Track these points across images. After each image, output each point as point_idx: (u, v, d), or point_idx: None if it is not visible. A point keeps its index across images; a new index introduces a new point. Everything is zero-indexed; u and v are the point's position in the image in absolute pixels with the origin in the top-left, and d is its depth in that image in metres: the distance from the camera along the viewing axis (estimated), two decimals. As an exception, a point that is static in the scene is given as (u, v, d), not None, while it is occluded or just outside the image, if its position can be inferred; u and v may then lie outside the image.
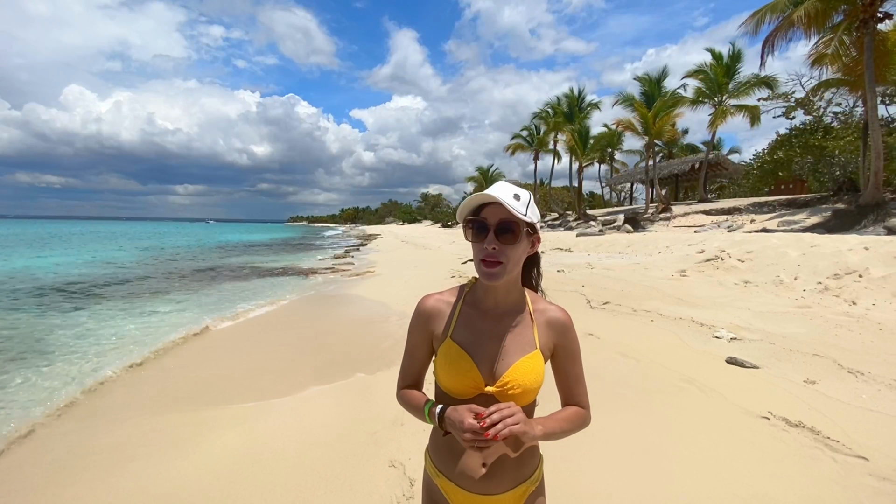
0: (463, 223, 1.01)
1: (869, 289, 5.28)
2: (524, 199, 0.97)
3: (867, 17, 11.66)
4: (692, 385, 3.55)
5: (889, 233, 11.28)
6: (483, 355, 1.01)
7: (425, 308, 1.07)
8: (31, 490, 2.55)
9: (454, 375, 0.99)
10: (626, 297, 6.24)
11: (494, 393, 0.98)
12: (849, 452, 2.55)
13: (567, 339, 1.06)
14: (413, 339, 1.10)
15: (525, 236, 0.97)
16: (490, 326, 1.03)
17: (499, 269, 0.95)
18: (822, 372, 3.63)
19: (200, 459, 2.77)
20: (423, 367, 1.12)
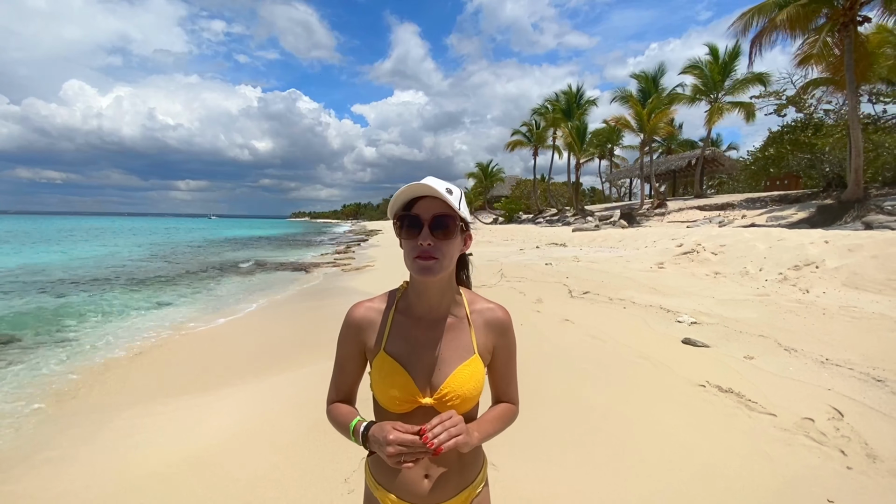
0: (393, 219, 0.94)
1: (823, 278, 5.77)
2: (456, 194, 0.92)
3: (847, 20, 12.06)
4: (647, 360, 4.05)
5: (867, 227, 11.73)
6: (419, 366, 0.96)
7: (355, 318, 1.01)
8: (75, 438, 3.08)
9: (390, 389, 0.94)
10: (605, 287, 6.75)
11: (433, 405, 0.94)
12: (762, 411, 3.05)
13: (506, 339, 1.04)
14: (343, 351, 1.04)
15: (459, 231, 0.93)
16: (425, 334, 0.98)
17: (434, 263, 0.90)
18: (762, 349, 4.13)
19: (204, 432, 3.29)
20: (354, 380, 1.06)
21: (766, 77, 22.86)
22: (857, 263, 5.80)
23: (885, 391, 3.22)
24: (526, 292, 6.94)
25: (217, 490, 2.42)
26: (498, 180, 50.87)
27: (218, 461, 2.72)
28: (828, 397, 3.17)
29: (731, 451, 2.61)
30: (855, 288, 5.45)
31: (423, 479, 0.96)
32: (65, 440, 3.15)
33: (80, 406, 3.80)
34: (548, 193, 39.25)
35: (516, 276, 8.23)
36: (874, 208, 12.78)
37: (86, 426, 3.35)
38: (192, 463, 2.71)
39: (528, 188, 42.21)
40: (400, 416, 0.94)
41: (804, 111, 20.39)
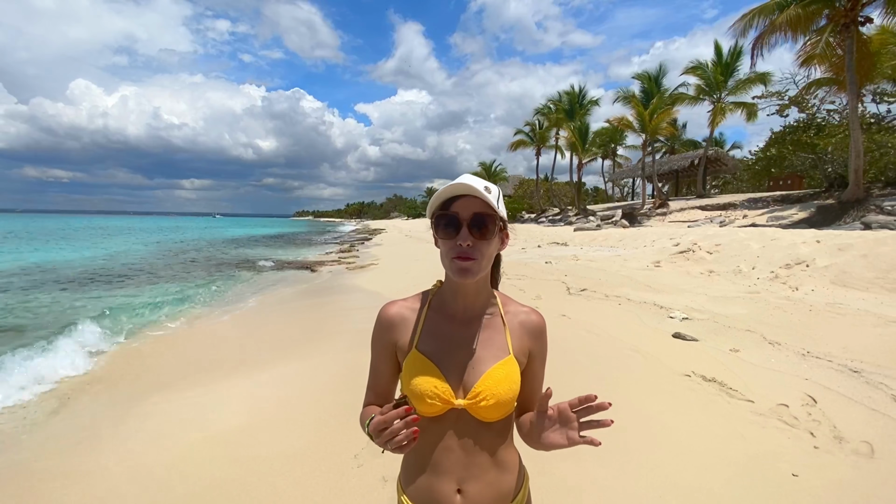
0: (432, 219, 0.93)
1: (812, 276, 5.96)
2: (494, 192, 0.90)
3: (848, 21, 12.17)
4: (638, 353, 4.27)
5: (866, 227, 11.87)
6: (452, 365, 0.92)
7: (387, 317, 0.98)
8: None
9: (420, 390, 0.89)
10: (602, 285, 6.96)
11: (466, 406, 0.90)
12: (741, 397, 3.27)
13: (541, 344, 1.01)
14: (376, 353, 1.01)
15: (498, 231, 0.91)
16: (458, 332, 0.95)
17: (472, 264, 0.87)
18: (747, 343, 4.34)
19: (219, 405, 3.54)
20: (389, 382, 1.01)
21: (769, 77, 22.94)
22: (847, 262, 5.99)
23: (860, 381, 3.42)
24: (525, 289, 7.16)
25: (239, 465, 2.67)
26: (501, 180, 51.03)
27: (238, 440, 2.97)
28: (804, 386, 3.38)
29: (707, 432, 2.83)
30: (843, 286, 5.64)
31: (456, 493, 0.91)
32: (95, 421, 3.41)
33: (107, 391, 4.06)
34: (550, 193, 39.38)
35: (517, 274, 8.45)
36: (874, 208, 12.90)
37: (115, 408, 3.62)
38: (215, 441, 2.96)
39: (531, 188, 42.36)
40: (430, 421, 0.90)
41: (807, 111, 20.45)
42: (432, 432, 0.92)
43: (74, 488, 2.55)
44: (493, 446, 0.94)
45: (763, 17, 13.63)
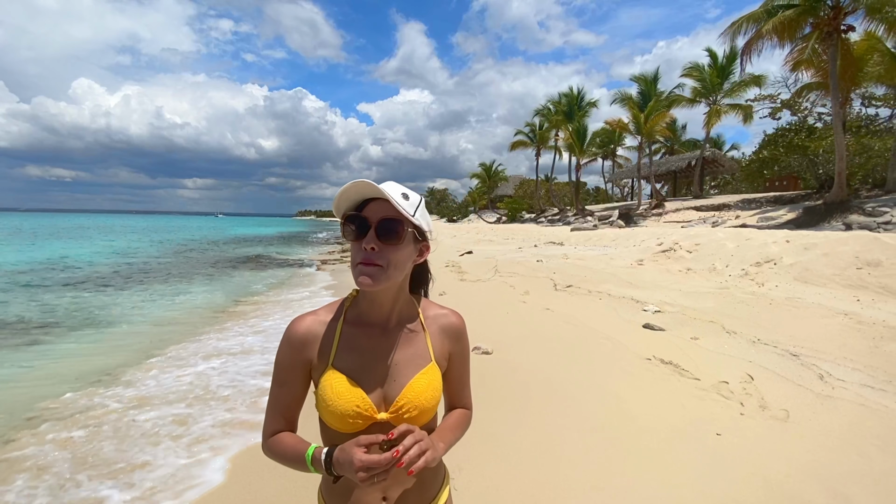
0: (341, 219, 0.88)
1: (778, 274, 6.44)
2: (413, 200, 0.88)
3: (831, 29, 12.62)
4: (609, 341, 4.77)
5: (847, 228, 12.34)
6: (372, 379, 0.90)
7: (297, 333, 0.92)
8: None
9: (340, 409, 0.86)
10: (586, 282, 7.46)
11: (389, 419, 0.89)
12: (690, 376, 3.77)
13: (461, 345, 1.01)
14: (283, 373, 0.93)
15: (412, 240, 0.88)
16: (377, 344, 0.92)
17: (376, 270, 0.84)
18: (707, 332, 4.83)
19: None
20: (297, 404, 0.96)
21: (763, 80, 23.38)
22: (810, 260, 6.47)
23: (796, 363, 3.92)
24: (516, 286, 7.66)
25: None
26: (501, 180, 51.49)
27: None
28: (747, 367, 3.88)
29: (653, 403, 3.33)
30: (804, 282, 6.12)
31: (381, 502, 0.90)
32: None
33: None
34: (550, 193, 39.85)
35: (509, 272, 8.95)
36: (856, 210, 13.36)
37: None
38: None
39: (531, 188, 42.81)
40: (352, 436, 0.85)
41: (799, 114, 20.88)
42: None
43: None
44: None
45: (751, 24, 14.09)
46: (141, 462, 2.92)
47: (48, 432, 3.32)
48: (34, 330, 6.39)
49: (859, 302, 5.30)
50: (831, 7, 12.69)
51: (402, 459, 0.77)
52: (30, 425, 3.47)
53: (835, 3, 12.64)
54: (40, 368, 4.83)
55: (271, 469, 2.60)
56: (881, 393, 3.29)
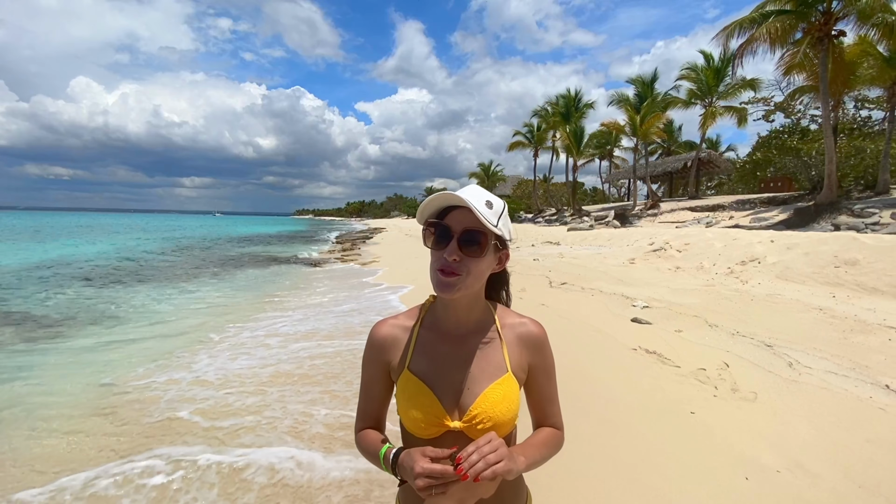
0: (423, 225, 0.89)
1: (761, 272, 6.77)
2: (497, 208, 0.87)
3: (822, 34, 12.96)
4: (599, 333, 5.09)
5: (836, 228, 12.69)
6: (446, 386, 0.90)
7: (378, 337, 0.96)
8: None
9: (414, 412, 0.88)
10: (580, 279, 7.78)
11: (462, 429, 0.87)
12: (671, 364, 4.09)
13: (542, 356, 0.98)
14: (368, 374, 0.98)
15: (492, 250, 0.88)
16: (452, 350, 0.92)
17: (455, 280, 0.84)
18: (691, 326, 5.15)
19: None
20: (381, 404, 1.00)
21: (757, 83, 23.76)
22: (791, 259, 6.80)
23: (769, 353, 4.24)
24: (512, 283, 7.87)
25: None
26: (499, 180, 51.84)
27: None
28: (724, 356, 4.20)
29: (637, 388, 3.65)
30: (785, 280, 6.45)
31: None
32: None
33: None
34: (548, 193, 40.20)
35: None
36: (846, 211, 13.70)
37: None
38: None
39: (529, 188, 43.15)
40: (427, 442, 0.87)
41: (792, 117, 21.27)
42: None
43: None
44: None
45: (743, 28, 14.42)
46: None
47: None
48: (83, 322, 6.70)
49: (835, 298, 5.62)
50: (822, 13, 13.03)
51: (463, 467, 0.74)
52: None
53: (826, 8, 12.98)
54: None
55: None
56: (843, 378, 3.62)
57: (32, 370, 4.72)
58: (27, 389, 4.19)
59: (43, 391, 4.15)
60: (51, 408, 3.78)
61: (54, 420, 3.55)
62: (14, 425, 3.50)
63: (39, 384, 4.32)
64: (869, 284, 5.67)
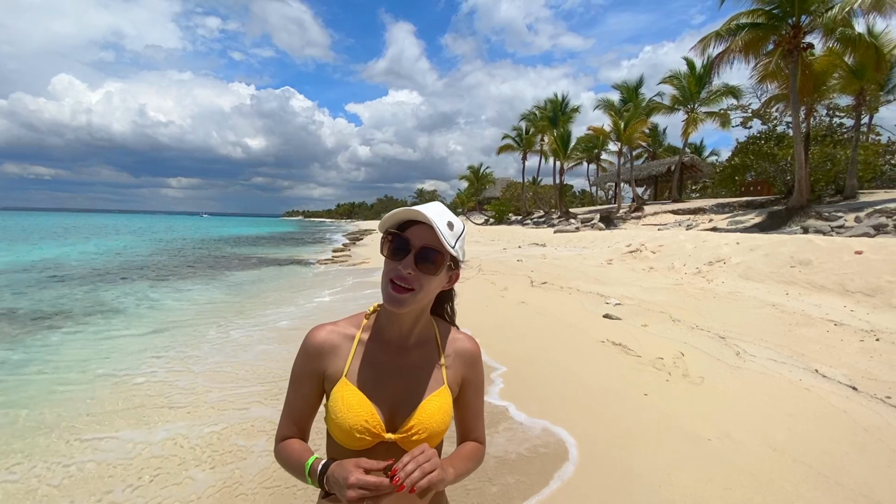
0: (383, 234, 0.89)
1: (726, 272, 7.28)
2: (457, 230, 0.88)
3: (792, 47, 13.65)
4: (572, 328, 5.52)
5: (804, 231, 13.35)
6: (384, 396, 0.90)
7: (315, 342, 0.92)
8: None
9: (348, 423, 0.85)
10: (560, 279, 8.23)
11: (397, 440, 0.88)
12: (633, 354, 4.53)
13: (475, 372, 1.00)
14: (298, 380, 0.94)
15: (445, 269, 0.88)
16: (392, 361, 0.92)
17: (408, 296, 0.85)
18: (656, 321, 5.61)
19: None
20: (310, 413, 0.96)
21: (738, 90, 24.60)
22: (753, 260, 7.32)
23: (721, 344, 4.70)
24: (496, 282, 8.39)
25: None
26: (489, 182, 52.41)
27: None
28: (681, 347, 4.65)
29: (600, 374, 4.08)
30: (747, 279, 6.96)
31: None
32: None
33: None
34: (536, 196, 40.83)
35: (491, 270, 9.69)
36: (814, 214, 14.40)
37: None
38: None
39: (518, 190, 43.73)
40: (357, 453, 0.86)
41: (768, 123, 22.08)
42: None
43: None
44: None
45: (719, 40, 15.08)
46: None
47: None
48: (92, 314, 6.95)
49: (787, 295, 6.13)
50: (792, 27, 13.71)
51: (400, 477, 0.74)
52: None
53: (795, 23, 13.66)
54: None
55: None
56: (781, 364, 4.08)
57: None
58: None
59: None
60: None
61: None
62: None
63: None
64: (818, 282, 6.19)
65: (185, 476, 2.71)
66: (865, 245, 6.67)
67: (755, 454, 2.72)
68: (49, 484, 2.65)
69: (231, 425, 3.36)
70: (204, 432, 3.24)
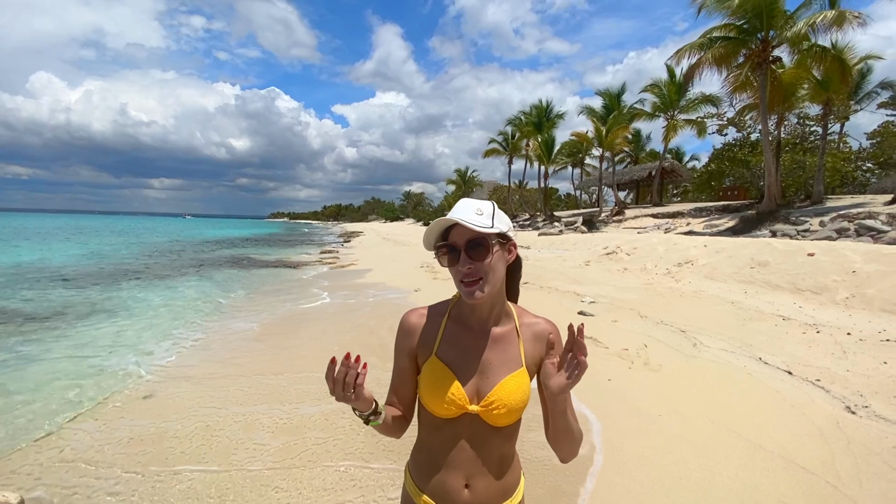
0: (434, 251, 1.00)
1: (693, 272, 7.81)
2: (487, 211, 0.96)
3: (761, 60, 14.41)
4: (548, 324, 5.94)
5: (773, 235, 14.08)
6: (468, 373, 0.99)
7: (408, 323, 1.06)
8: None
9: (437, 394, 0.97)
10: (540, 279, 8.67)
11: (479, 412, 0.97)
12: (602, 346, 4.97)
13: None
14: (398, 356, 1.08)
15: (497, 247, 0.96)
16: (475, 343, 1.01)
17: (479, 285, 0.93)
18: (626, 317, 6.07)
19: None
20: (409, 384, 1.08)
21: (717, 99, 25.57)
22: (718, 261, 7.87)
23: (682, 336, 5.18)
24: (480, 283, 8.79)
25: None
26: (476, 185, 53.02)
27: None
28: (646, 339, 5.11)
29: (570, 362, 4.50)
30: (711, 279, 7.50)
31: (464, 488, 0.99)
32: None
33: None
34: (523, 199, 41.51)
35: (476, 271, 10.08)
36: (782, 219, 15.17)
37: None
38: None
39: (505, 194, 44.37)
40: (445, 422, 0.99)
41: (743, 131, 23.02)
42: (446, 432, 1.00)
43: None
44: (500, 448, 1.02)
45: (693, 51, 15.80)
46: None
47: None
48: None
49: (746, 293, 6.67)
50: (760, 41, 14.48)
51: (581, 341, 0.87)
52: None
53: (763, 37, 14.42)
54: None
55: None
56: (731, 354, 4.56)
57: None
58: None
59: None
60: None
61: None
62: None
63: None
64: (774, 282, 6.74)
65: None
66: (818, 248, 7.25)
67: (695, 426, 3.16)
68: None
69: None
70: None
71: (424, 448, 1.05)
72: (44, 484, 2.67)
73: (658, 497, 2.43)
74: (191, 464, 2.88)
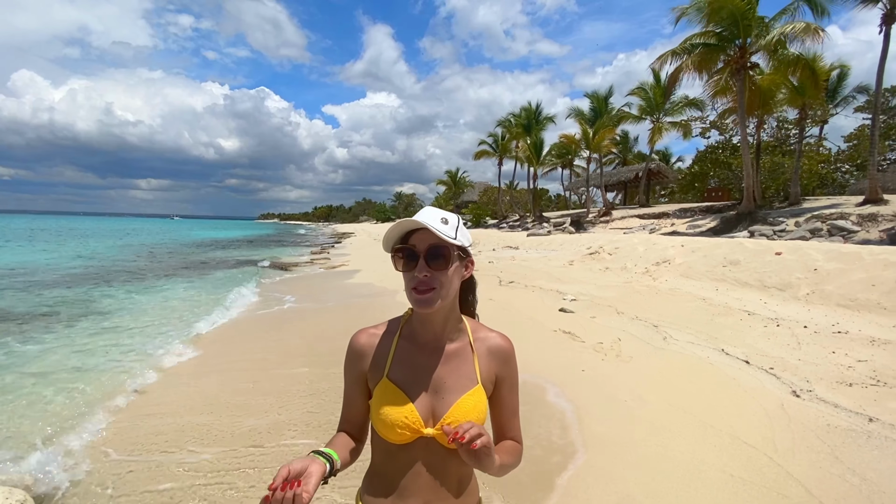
0: (391, 252, 0.96)
1: (670, 271, 8.20)
2: (452, 222, 0.94)
3: (739, 66, 14.94)
4: (531, 320, 6.27)
5: (750, 235, 14.60)
6: (421, 394, 0.96)
7: (358, 345, 1.01)
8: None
9: (390, 420, 0.92)
10: (526, 278, 9.02)
11: (434, 436, 0.93)
12: (579, 340, 5.30)
13: (509, 369, 1.04)
14: (348, 381, 1.04)
15: (457, 260, 0.94)
16: (428, 361, 0.98)
17: (432, 294, 0.90)
18: (604, 313, 6.42)
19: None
20: (361, 410, 1.04)
21: (701, 102, 26.23)
22: (694, 261, 8.27)
23: (653, 330, 5.53)
24: (468, 282, 9.10)
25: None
26: (467, 186, 53.38)
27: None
28: (620, 334, 5.45)
29: (548, 355, 4.82)
30: (687, 277, 7.89)
31: None
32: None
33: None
34: (513, 200, 41.96)
35: (464, 271, 10.39)
36: (760, 220, 15.72)
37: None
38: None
39: (495, 195, 44.79)
40: (399, 448, 0.94)
41: (725, 134, 23.66)
42: (401, 458, 0.95)
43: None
44: (458, 470, 0.98)
45: (675, 57, 16.31)
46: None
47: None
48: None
49: (717, 291, 7.06)
50: (738, 48, 15.01)
51: (459, 431, 0.80)
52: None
53: (742, 44, 14.96)
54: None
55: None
56: (697, 346, 4.92)
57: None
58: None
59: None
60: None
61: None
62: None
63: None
64: (743, 280, 7.14)
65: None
66: (786, 247, 7.68)
67: (656, 409, 3.49)
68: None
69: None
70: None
71: (378, 473, 1.00)
72: (44, 483, 2.88)
73: (618, 470, 2.75)
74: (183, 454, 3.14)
